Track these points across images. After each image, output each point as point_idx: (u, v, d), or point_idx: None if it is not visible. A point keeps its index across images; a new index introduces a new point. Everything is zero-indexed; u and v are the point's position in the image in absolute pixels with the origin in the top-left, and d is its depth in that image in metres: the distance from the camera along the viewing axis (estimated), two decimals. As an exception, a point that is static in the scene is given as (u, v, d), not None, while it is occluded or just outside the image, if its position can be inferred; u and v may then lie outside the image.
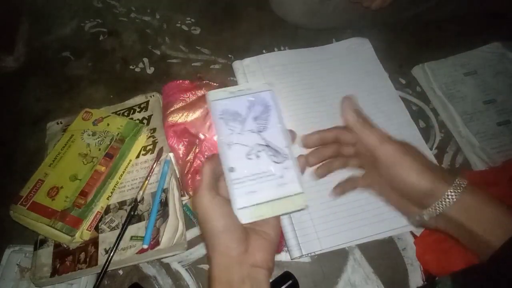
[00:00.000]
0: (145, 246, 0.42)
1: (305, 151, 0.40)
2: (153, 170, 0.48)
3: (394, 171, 0.35)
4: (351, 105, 0.38)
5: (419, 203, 0.35)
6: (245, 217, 0.35)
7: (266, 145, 0.37)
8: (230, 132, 0.37)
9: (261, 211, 0.35)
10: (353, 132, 0.39)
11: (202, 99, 0.54)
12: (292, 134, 0.39)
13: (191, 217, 0.47)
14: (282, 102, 0.49)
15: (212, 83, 0.56)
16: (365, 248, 0.45)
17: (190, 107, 0.53)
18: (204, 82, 0.57)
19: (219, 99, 0.38)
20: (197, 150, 0.50)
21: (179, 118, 0.52)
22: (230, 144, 0.37)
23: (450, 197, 0.33)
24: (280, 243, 0.45)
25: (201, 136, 0.51)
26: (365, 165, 0.40)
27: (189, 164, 0.49)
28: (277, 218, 0.36)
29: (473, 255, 0.34)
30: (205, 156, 0.49)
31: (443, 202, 0.33)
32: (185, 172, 0.49)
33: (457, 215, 0.33)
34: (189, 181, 0.48)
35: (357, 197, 0.46)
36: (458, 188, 0.33)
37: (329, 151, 0.40)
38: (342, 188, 0.41)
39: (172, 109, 0.53)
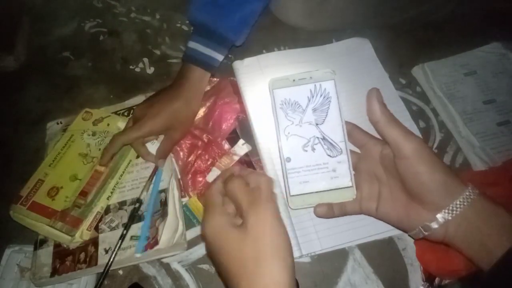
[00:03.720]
0: (138, 255, 0.42)
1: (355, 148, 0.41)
2: (156, 170, 0.48)
3: (418, 165, 0.34)
4: (379, 97, 0.37)
5: (435, 203, 0.33)
6: (296, 204, 0.38)
7: (323, 138, 0.38)
8: (289, 123, 0.38)
9: (311, 200, 0.37)
10: (363, 132, 0.40)
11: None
12: (348, 126, 0.39)
13: (191, 217, 0.47)
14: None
15: (211, 78, 0.56)
16: (365, 248, 0.45)
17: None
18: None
19: (280, 87, 0.39)
20: (199, 151, 0.50)
21: (180, 118, 0.52)
22: (288, 136, 0.38)
23: (468, 196, 0.32)
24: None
25: (205, 138, 0.51)
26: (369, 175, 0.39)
27: (190, 165, 0.49)
28: None
29: (473, 263, 0.33)
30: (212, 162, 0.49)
31: (463, 201, 0.32)
32: (186, 172, 0.49)
33: (472, 217, 0.32)
34: (190, 182, 0.48)
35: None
36: (476, 190, 0.33)
37: None
38: (328, 209, 0.39)
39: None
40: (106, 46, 0.65)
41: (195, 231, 0.46)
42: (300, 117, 0.38)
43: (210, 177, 0.48)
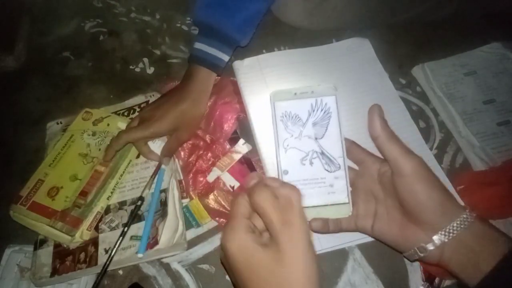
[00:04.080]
0: (140, 255, 0.42)
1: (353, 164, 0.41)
2: (159, 168, 0.48)
3: (417, 184, 0.33)
4: (380, 113, 0.36)
5: (431, 223, 0.33)
6: None
7: (321, 153, 0.38)
8: (288, 135, 0.38)
9: (306, 214, 0.35)
10: (361, 149, 0.40)
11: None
12: (347, 142, 0.39)
13: (190, 219, 0.46)
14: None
15: None
16: (365, 248, 0.45)
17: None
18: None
19: (282, 100, 0.39)
20: (200, 151, 0.50)
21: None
22: (287, 148, 0.38)
23: (466, 219, 0.32)
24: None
25: (207, 139, 0.51)
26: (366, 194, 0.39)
27: (191, 165, 0.49)
28: None
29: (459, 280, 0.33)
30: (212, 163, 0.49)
31: (460, 223, 0.32)
32: (187, 172, 0.49)
33: (468, 240, 0.32)
34: (191, 181, 0.48)
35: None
36: (473, 213, 0.33)
37: None
38: (323, 224, 0.39)
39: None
40: (106, 46, 0.65)
41: (194, 232, 0.46)
42: (300, 130, 0.38)
43: (211, 177, 0.48)
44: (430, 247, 0.33)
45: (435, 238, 0.33)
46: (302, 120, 0.38)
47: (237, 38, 0.51)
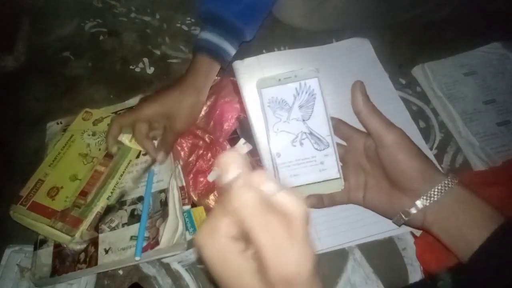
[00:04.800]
0: (137, 258, 0.42)
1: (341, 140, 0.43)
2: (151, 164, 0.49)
3: (398, 154, 0.35)
4: (362, 89, 0.38)
5: (414, 189, 0.35)
6: None
7: (310, 133, 0.40)
8: (277, 120, 0.40)
9: (301, 192, 0.38)
10: (348, 126, 0.42)
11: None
12: (333, 121, 0.41)
13: (189, 225, 0.45)
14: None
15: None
16: (365, 248, 0.45)
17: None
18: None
19: (267, 86, 0.41)
20: (200, 151, 0.50)
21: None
22: (277, 132, 0.40)
23: (447, 184, 0.34)
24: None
25: (207, 139, 0.51)
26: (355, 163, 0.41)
27: (191, 165, 0.49)
28: None
29: (454, 254, 0.34)
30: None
31: (440, 189, 0.34)
32: (187, 172, 0.49)
33: (449, 205, 0.34)
34: (191, 182, 0.48)
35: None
36: (454, 178, 0.35)
37: None
38: (318, 200, 0.41)
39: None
40: (106, 46, 0.65)
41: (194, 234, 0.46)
42: (287, 114, 0.40)
43: (211, 177, 0.48)
44: (413, 211, 0.35)
45: (418, 202, 0.35)
46: (289, 104, 0.41)
47: (239, 25, 0.51)
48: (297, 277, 0.21)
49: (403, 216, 0.36)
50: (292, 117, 0.40)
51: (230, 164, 0.23)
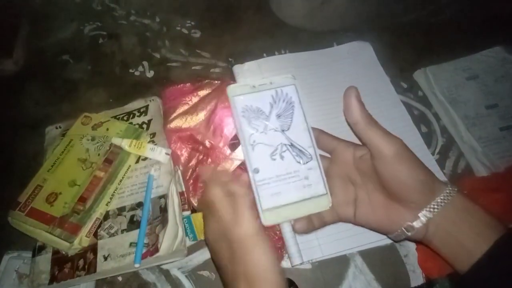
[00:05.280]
0: (137, 265, 0.41)
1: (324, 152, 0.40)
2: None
3: (399, 165, 0.33)
4: (358, 96, 0.35)
5: (415, 201, 0.33)
6: (270, 219, 0.34)
7: (291, 145, 0.36)
8: (253, 131, 0.36)
9: (285, 213, 0.34)
10: (331, 136, 0.39)
11: (204, 100, 0.54)
12: (315, 132, 0.38)
13: (188, 231, 0.45)
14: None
15: (213, 81, 0.56)
16: (366, 254, 0.44)
17: (193, 110, 0.53)
18: (205, 81, 0.57)
19: (240, 94, 0.37)
20: (200, 156, 0.50)
21: (183, 123, 0.52)
22: (254, 144, 0.36)
23: (448, 194, 0.33)
24: (280, 250, 0.45)
25: (207, 144, 0.50)
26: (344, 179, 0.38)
27: (191, 170, 0.49)
28: None
29: (451, 265, 0.33)
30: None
31: (443, 199, 0.33)
32: (187, 178, 0.48)
33: (451, 215, 0.32)
34: (191, 187, 0.48)
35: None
36: (455, 187, 0.33)
37: None
38: (308, 223, 0.37)
39: (175, 114, 0.52)
40: (105, 49, 0.64)
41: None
42: (264, 124, 0.36)
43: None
44: (418, 224, 0.33)
45: (421, 215, 0.33)
46: (265, 113, 0.36)
47: None
48: (245, 234, 0.33)
49: (405, 231, 0.34)
50: (270, 127, 0.36)
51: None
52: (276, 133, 0.36)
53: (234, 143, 0.51)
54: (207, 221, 0.37)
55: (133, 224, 0.45)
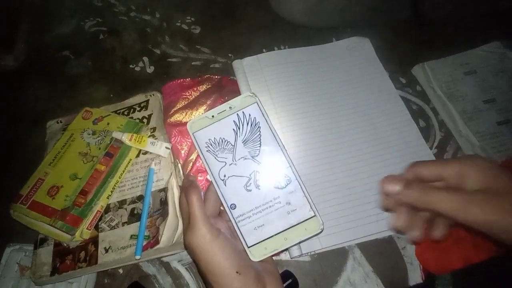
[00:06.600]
0: (137, 257, 0.42)
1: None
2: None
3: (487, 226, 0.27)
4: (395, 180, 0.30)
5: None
6: (258, 255, 0.32)
7: (264, 171, 0.34)
8: (222, 165, 0.34)
9: (274, 245, 0.32)
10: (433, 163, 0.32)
11: (204, 95, 0.54)
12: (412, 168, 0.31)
13: None
14: (282, 102, 0.47)
15: (213, 76, 0.56)
16: (365, 247, 0.45)
17: (193, 104, 0.53)
18: (206, 76, 0.57)
19: (200, 128, 0.35)
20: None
21: (183, 117, 0.52)
22: (225, 179, 0.34)
23: None
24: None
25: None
26: None
27: (191, 163, 0.49)
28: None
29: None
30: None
31: None
32: (187, 171, 0.49)
33: None
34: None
35: (356, 196, 0.46)
36: None
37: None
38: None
39: (175, 108, 0.53)
40: (106, 45, 0.65)
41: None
42: (232, 155, 0.34)
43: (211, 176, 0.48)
44: None
45: None
46: (231, 143, 0.34)
47: None
48: (198, 244, 0.31)
49: None
50: (238, 157, 0.34)
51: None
52: (247, 161, 0.34)
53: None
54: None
55: (134, 217, 0.45)
